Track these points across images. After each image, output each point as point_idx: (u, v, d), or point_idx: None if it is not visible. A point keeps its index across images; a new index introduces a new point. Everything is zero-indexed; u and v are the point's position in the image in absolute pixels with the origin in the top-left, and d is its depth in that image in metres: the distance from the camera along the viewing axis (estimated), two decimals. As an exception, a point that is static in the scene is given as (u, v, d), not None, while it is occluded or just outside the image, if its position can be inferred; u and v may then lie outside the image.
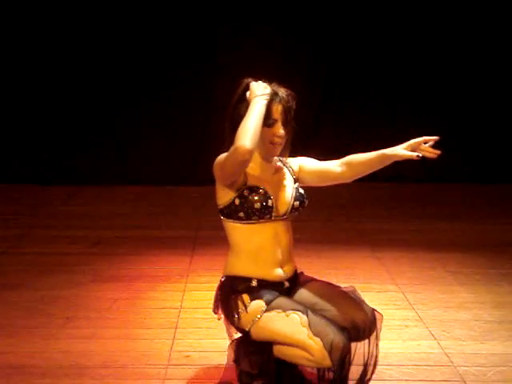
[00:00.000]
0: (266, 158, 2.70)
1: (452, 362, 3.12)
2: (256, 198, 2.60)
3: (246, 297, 2.62)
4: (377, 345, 2.67)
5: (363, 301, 2.69)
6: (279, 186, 2.70)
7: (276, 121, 2.61)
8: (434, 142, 2.58)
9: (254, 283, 2.64)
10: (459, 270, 4.39)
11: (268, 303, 2.57)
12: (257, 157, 2.66)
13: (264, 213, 2.61)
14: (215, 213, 2.73)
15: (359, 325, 2.56)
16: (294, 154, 2.83)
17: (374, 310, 2.66)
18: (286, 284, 2.70)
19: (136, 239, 5.01)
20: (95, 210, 5.92)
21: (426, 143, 2.57)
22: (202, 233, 5.14)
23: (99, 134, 6.88)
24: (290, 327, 2.50)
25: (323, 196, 6.35)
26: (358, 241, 5.01)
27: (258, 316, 2.57)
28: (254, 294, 2.61)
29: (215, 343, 3.26)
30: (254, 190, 2.62)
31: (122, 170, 6.83)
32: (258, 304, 2.58)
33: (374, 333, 2.65)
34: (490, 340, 3.36)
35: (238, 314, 2.61)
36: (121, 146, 6.90)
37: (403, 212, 5.92)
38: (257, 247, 2.65)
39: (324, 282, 2.80)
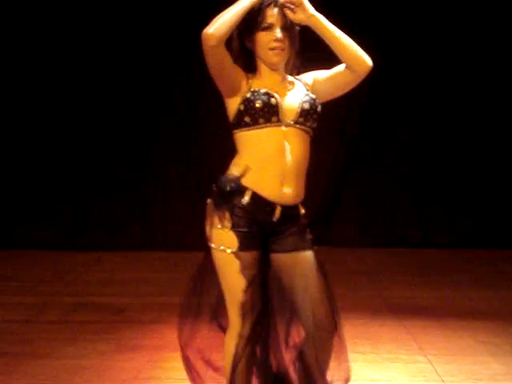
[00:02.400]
0: (272, 67, 2.61)
1: None
2: (257, 97, 2.51)
3: (228, 218, 2.49)
4: None
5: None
6: (287, 89, 2.61)
7: (272, 25, 2.54)
8: None
9: (247, 198, 2.51)
10: (489, 339, 4.28)
11: (240, 249, 2.48)
12: (264, 67, 2.60)
13: (269, 113, 2.51)
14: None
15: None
16: None
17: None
18: (277, 214, 2.53)
19: (160, 306, 4.96)
20: (119, 276, 5.92)
21: None
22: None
23: (124, 199, 6.94)
24: (234, 291, 2.52)
25: (347, 262, 6.33)
26: (384, 308, 4.93)
27: (222, 247, 2.50)
28: (238, 222, 2.49)
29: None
30: (256, 91, 2.54)
31: (147, 235, 6.86)
32: (232, 239, 2.49)
33: None
34: (522, 414, 3.27)
35: (220, 225, 2.51)
36: (146, 211, 6.94)
37: (429, 278, 5.84)
38: (262, 156, 2.51)
39: (314, 280, 2.62)
